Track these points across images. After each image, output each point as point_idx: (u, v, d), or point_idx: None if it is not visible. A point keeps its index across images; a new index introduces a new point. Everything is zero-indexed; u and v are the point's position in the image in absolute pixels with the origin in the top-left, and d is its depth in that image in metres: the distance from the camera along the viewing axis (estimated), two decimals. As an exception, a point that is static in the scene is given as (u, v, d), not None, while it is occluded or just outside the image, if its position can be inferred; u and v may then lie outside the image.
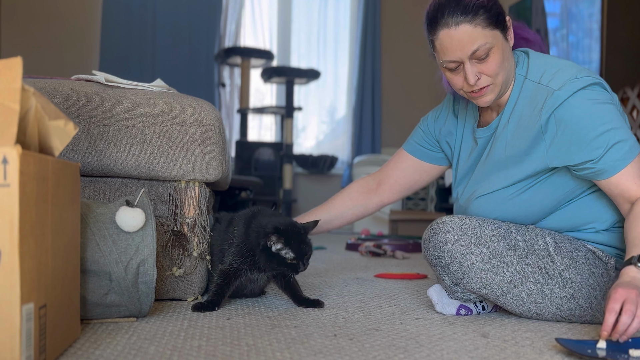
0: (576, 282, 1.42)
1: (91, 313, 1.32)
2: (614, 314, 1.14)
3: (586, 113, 1.35)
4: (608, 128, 1.34)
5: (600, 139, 1.34)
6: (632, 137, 1.37)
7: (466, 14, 1.37)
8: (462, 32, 1.37)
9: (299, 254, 1.48)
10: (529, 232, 1.46)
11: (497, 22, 1.40)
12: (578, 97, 1.36)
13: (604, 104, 1.37)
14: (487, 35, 1.38)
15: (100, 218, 1.34)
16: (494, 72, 1.41)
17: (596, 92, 1.37)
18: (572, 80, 1.37)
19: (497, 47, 1.40)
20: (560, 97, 1.36)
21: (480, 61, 1.40)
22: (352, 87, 5.76)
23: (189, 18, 5.36)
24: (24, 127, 0.98)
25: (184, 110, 1.63)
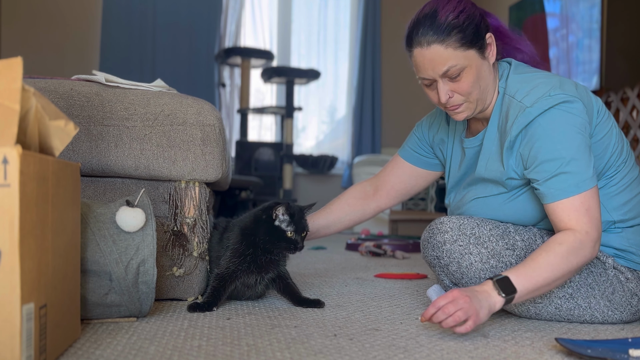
0: (575, 281, 1.42)
1: (91, 313, 1.32)
2: (434, 308, 1.22)
3: (549, 135, 1.33)
4: (563, 156, 1.32)
5: (550, 164, 1.33)
6: (585, 173, 1.32)
7: (438, 35, 1.37)
8: (433, 52, 1.38)
9: (298, 229, 1.52)
10: (527, 231, 1.46)
11: (472, 42, 1.39)
12: (547, 116, 1.34)
13: (570, 129, 1.33)
14: (458, 56, 1.38)
15: (100, 218, 1.34)
16: (465, 91, 1.41)
17: (565, 114, 1.33)
18: (545, 97, 1.36)
19: (470, 68, 1.39)
20: (531, 115, 1.36)
21: (453, 80, 1.40)
22: (352, 87, 5.76)
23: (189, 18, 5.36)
24: (24, 127, 0.98)
25: (184, 111, 1.63)
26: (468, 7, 1.40)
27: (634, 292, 1.43)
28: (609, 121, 1.44)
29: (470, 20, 1.39)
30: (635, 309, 1.45)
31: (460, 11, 1.38)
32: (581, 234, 1.30)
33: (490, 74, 1.45)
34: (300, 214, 1.55)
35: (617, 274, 1.43)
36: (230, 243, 1.59)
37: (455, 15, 1.37)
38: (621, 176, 1.45)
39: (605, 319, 1.44)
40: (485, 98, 1.46)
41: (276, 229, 1.52)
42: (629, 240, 1.44)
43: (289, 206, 1.52)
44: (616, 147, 1.44)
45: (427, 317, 1.23)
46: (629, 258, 1.44)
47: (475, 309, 1.21)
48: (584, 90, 1.44)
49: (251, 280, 1.58)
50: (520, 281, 1.25)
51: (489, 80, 1.45)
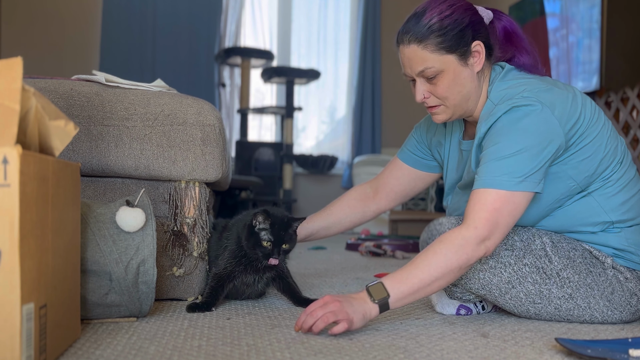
0: (574, 281, 1.42)
1: (91, 313, 1.32)
2: (304, 315, 1.25)
3: (504, 130, 1.34)
4: (505, 149, 1.32)
5: (490, 152, 1.34)
6: (516, 173, 1.30)
7: (417, 35, 1.40)
8: (412, 51, 1.42)
9: (276, 240, 1.48)
10: (526, 232, 1.46)
11: (451, 48, 1.40)
12: (510, 114, 1.34)
13: (525, 130, 1.32)
14: (435, 59, 1.40)
15: (100, 218, 1.34)
16: (441, 95, 1.44)
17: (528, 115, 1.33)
18: (515, 98, 1.36)
19: (446, 72, 1.41)
20: (498, 113, 1.36)
21: (429, 82, 1.43)
22: (352, 87, 5.76)
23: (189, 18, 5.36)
24: (24, 127, 0.98)
25: (184, 110, 1.63)
26: (457, 13, 1.41)
27: (633, 291, 1.43)
28: (599, 123, 1.43)
29: (455, 26, 1.40)
30: (635, 308, 1.45)
31: (446, 15, 1.40)
32: (468, 230, 1.28)
33: (472, 82, 1.45)
34: (284, 226, 1.50)
35: (617, 273, 1.43)
36: (228, 243, 1.59)
37: (440, 19, 1.39)
38: (618, 176, 1.44)
39: (605, 319, 1.44)
40: (466, 104, 1.47)
41: (255, 235, 1.50)
42: (627, 240, 1.44)
43: (269, 215, 1.49)
44: (609, 148, 1.43)
45: (298, 325, 1.26)
46: (628, 258, 1.44)
47: (346, 312, 1.22)
48: (567, 96, 1.40)
49: (250, 279, 1.58)
50: (395, 285, 1.25)
51: (470, 87, 1.45)
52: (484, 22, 1.47)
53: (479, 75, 1.47)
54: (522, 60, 1.49)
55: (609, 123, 1.48)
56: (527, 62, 1.49)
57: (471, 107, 1.48)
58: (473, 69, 1.44)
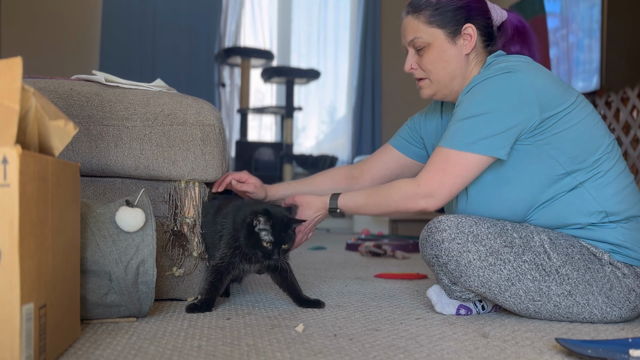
0: (573, 278, 1.43)
1: (91, 313, 1.32)
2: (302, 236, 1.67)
3: (475, 92, 1.43)
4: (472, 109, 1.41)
5: (458, 112, 1.44)
6: (473, 135, 1.39)
7: (414, 7, 1.55)
8: (407, 21, 1.56)
9: (277, 241, 1.48)
10: (524, 229, 1.47)
11: (441, 23, 1.51)
12: (485, 80, 1.42)
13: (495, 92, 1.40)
14: (425, 30, 1.52)
15: (100, 218, 1.34)
16: (426, 68, 1.55)
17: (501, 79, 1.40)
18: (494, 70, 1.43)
19: (434, 46, 1.52)
20: (475, 82, 1.45)
21: (418, 53, 1.55)
22: (352, 87, 5.76)
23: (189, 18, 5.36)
24: (24, 127, 0.98)
25: (184, 110, 1.63)
26: None
27: (632, 287, 1.44)
28: (585, 110, 1.47)
29: (451, 5, 1.51)
30: (634, 304, 1.45)
31: None
32: (413, 186, 1.45)
33: (458, 61, 1.53)
34: (284, 226, 1.50)
35: (614, 270, 1.44)
36: (223, 232, 1.56)
37: None
38: (607, 167, 1.46)
39: (604, 316, 1.45)
40: (450, 83, 1.55)
41: (255, 235, 1.49)
42: (624, 235, 1.45)
43: (270, 216, 1.49)
44: (595, 134, 1.46)
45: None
46: (625, 253, 1.45)
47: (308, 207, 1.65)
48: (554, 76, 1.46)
49: (247, 267, 1.56)
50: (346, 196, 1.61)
51: (455, 66, 1.53)
52: (487, 12, 1.55)
53: (468, 57, 1.54)
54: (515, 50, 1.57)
55: (598, 116, 1.51)
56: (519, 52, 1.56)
57: (456, 87, 1.56)
58: (461, 50, 1.53)
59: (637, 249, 1.45)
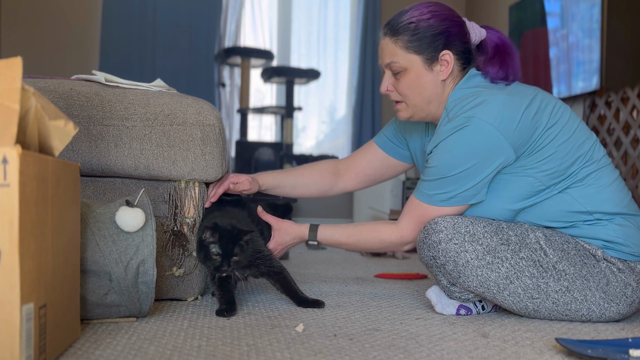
0: (570, 274, 1.43)
1: (91, 313, 1.32)
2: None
3: (444, 151, 1.44)
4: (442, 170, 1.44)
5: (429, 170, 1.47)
6: (443, 194, 1.46)
7: (391, 30, 1.52)
8: (385, 43, 1.54)
9: (225, 253, 1.46)
10: (519, 227, 1.48)
11: (418, 49, 1.50)
12: (452, 137, 1.42)
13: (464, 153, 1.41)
14: (402, 56, 1.51)
15: (100, 218, 1.34)
16: (402, 92, 1.54)
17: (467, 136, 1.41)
18: (458, 117, 1.42)
19: (410, 71, 1.51)
20: (442, 135, 1.45)
21: (395, 76, 1.54)
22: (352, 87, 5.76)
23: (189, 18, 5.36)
24: (24, 127, 0.98)
25: (184, 110, 1.63)
26: (435, 20, 1.49)
27: (627, 282, 1.45)
28: (558, 126, 1.46)
29: (429, 30, 1.49)
30: (631, 300, 1.46)
31: (423, 19, 1.49)
32: (396, 234, 1.56)
33: (434, 87, 1.53)
34: (235, 239, 1.47)
35: (609, 265, 1.45)
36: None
37: (416, 21, 1.49)
38: (588, 171, 1.48)
39: (602, 312, 1.45)
40: (427, 107, 1.55)
41: (204, 248, 1.48)
42: (615, 232, 1.46)
43: (216, 228, 1.46)
44: (570, 147, 1.46)
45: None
46: (618, 249, 1.46)
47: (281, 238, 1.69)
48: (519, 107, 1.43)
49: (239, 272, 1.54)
50: (328, 230, 1.65)
51: (431, 92, 1.53)
52: (464, 36, 1.53)
53: (444, 82, 1.53)
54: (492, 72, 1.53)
55: (574, 122, 1.50)
56: (496, 75, 1.52)
57: (433, 111, 1.56)
58: (438, 76, 1.52)
59: (630, 244, 1.46)
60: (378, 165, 1.85)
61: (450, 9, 1.55)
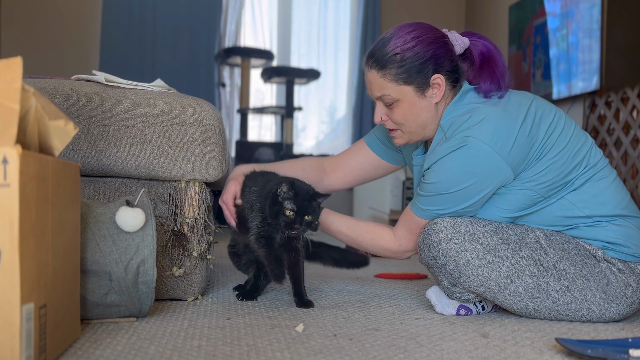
0: (570, 273, 1.44)
1: (91, 313, 1.32)
2: None
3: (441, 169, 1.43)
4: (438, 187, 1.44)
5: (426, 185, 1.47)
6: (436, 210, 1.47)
7: (377, 62, 1.47)
8: (372, 76, 1.50)
9: (299, 211, 1.49)
10: (519, 226, 1.49)
11: (408, 80, 1.46)
12: (449, 157, 1.41)
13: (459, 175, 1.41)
14: (392, 88, 1.47)
15: (100, 218, 1.34)
16: (397, 121, 1.51)
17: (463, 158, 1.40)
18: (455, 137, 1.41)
19: (402, 102, 1.48)
20: (439, 154, 1.43)
21: (387, 107, 1.51)
22: (352, 87, 5.76)
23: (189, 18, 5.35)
24: (24, 127, 0.98)
25: (184, 110, 1.63)
26: (420, 46, 1.45)
27: (628, 282, 1.45)
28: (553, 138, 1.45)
29: (416, 59, 1.44)
30: (631, 300, 1.46)
31: (408, 48, 1.45)
32: (394, 243, 1.59)
33: (429, 112, 1.50)
34: (308, 198, 1.52)
35: (609, 266, 1.45)
36: (255, 202, 1.57)
37: (402, 50, 1.45)
38: (585, 178, 1.48)
39: (602, 313, 1.45)
40: (422, 132, 1.53)
41: (278, 204, 1.51)
42: (615, 233, 1.46)
43: (293, 185, 1.50)
44: (566, 157, 1.45)
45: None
46: (619, 250, 1.46)
47: None
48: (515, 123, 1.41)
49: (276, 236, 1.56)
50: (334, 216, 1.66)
51: (426, 117, 1.50)
52: (451, 54, 1.49)
53: (438, 104, 1.51)
54: (485, 86, 1.50)
55: (569, 128, 1.49)
56: (489, 89, 1.49)
57: (429, 133, 1.54)
58: (431, 100, 1.49)
59: (630, 245, 1.46)
60: (369, 167, 1.82)
61: (432, 28, 1.50)
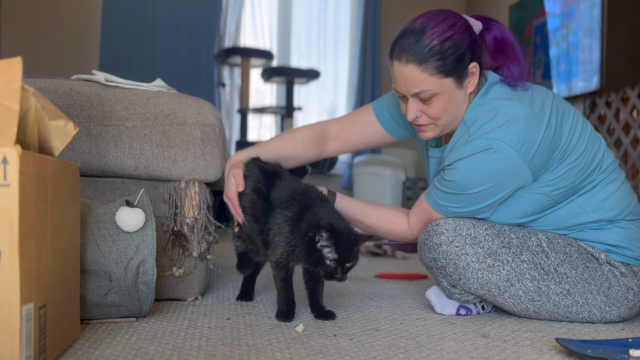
0: (571, 276, 1.43)
1: (91, 313, 1.32)
2: None
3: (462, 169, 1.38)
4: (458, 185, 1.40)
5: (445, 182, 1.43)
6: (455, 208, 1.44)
7: (417, 56, 1.36)
8: (409, 72, 1.37)
9: (341, 259, 1.35)
10: (521, 229, 1.48)
11: (450, 71, 1.37)
12: (472, 158, 1.37)
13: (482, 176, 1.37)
14: (434, 82, 1.37)
15: (100, 218, 1.34)
16: (434, 116, 1.42)
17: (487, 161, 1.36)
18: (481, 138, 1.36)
19: (442, 95, 1.39)
20: (462, 154, 1.39)
21: (423, 102, 1.40)
22: (352, 87, 5.76)
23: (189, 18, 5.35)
24: (24, 127, 0.98)
25: (184, 110, 1.63)
26: (458, 35, 1.37)
27: (630, 286, 1.44)
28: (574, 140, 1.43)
29: (456, 49, 1.37)
30: (632, 303, 1.45)
31: (447, 37, 1.36)
32: (407, 229, 1.56)
33: (464, 102, 1.44)
34: (349, 243, 1.36)
35: (612, 269, 1.44)
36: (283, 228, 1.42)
37: (441, 41, 1.35)
38: (596, 182, 1.46)
39: (603, 315, 1.45)
40: (454, 122, 1.46)
41: (317, 251, 1.36)
42: (619, 235, 1.46)
43: (334, 231, 1.35)
44: (584, 161, 1.44)
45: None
46: (622, 253, 1.45)
47: None
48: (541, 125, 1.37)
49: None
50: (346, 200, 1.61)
51: (462, 107, 1.44)
52: (479, 40, 1.43)
53: (470, 94, 1.45)
54: (512, 70, 1.44)
55: (585, 131, 1.47)
56: (516, 72, 1.44)
57: (456, 123, 1.47)
58: (467, 89, 1.43)
59: (634, 248, 1.45)
60: (369, 135, 1.71)
61: (457, 13, 1.43)
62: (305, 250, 1.37)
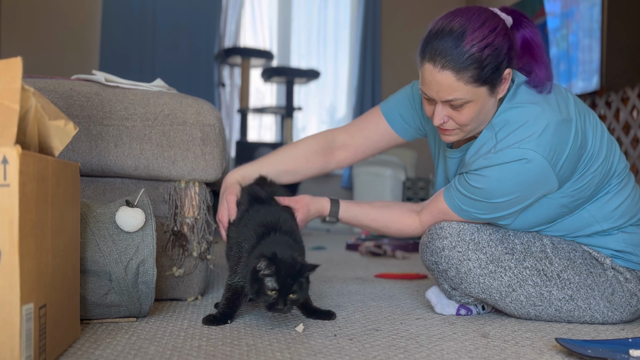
0: (574, 282, 1.42)
1: (91, 313, 1.32)
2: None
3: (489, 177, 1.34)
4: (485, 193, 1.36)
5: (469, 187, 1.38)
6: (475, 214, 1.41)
7: (455, 63, 1.28)
8: (444, 78, 1.30)
9: (282, 289, 1.26)
10: (526, 234, 1.46)
11: (487, 80, 1.30)
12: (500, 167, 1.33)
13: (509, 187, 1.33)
14: (468, 90, 1.30)
15: (100, 218, 1.34)
16: (462, 122, 1.36)
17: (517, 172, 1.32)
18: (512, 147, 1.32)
19: (475, 103, 1.32)
20: (491, 162, 1.34)
21: (454, 109, 1.34)
22: (352, 87, 5.76)
23: (189, 18, 5.36)
24: (24, 127, 0.98)
25: (184, 110, 1.63)
26: (497, 41, 1.29)
27: (633, 292, 1.44)
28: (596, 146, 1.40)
29: (495, 57, 1.29)
30: (635, 308, 1.45)
31: (487, 44, 1.28)
32: (417, 225, 1.53)
33: (493, 108, 1.38)
34: (293, 274, 1.27)
35: (616, 274, 1.43)
36: (243, 252, 1.40)
37: (480, 48, 1.27)
38: (610, 187, 1.44)
39: (605, 319, 1.45)
40: (480, 127, 1.40)
41: (258, 281, 1.28)
42: (625, 241, 1.44)
43: (274, 261, 1.27)
44: (605, 170, 1.41)
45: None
46: (627, 258, 1.44)
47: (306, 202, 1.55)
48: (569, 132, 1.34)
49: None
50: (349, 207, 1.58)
51: (490, 113, 1.38)
52: (515, 43, 1.36)
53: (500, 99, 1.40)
54: (539, 73, 1.39)
55: (604, 134, 1.44)
56: (543, 76, 1.38)
57: (482, 128, 1.41)
58: (498, 95, 1.36)
59: (639, 253, 1.44)
60: (380, 140, 1.65)
61: (495, 14, 1.34)
62: (249, 280, 1.30)
